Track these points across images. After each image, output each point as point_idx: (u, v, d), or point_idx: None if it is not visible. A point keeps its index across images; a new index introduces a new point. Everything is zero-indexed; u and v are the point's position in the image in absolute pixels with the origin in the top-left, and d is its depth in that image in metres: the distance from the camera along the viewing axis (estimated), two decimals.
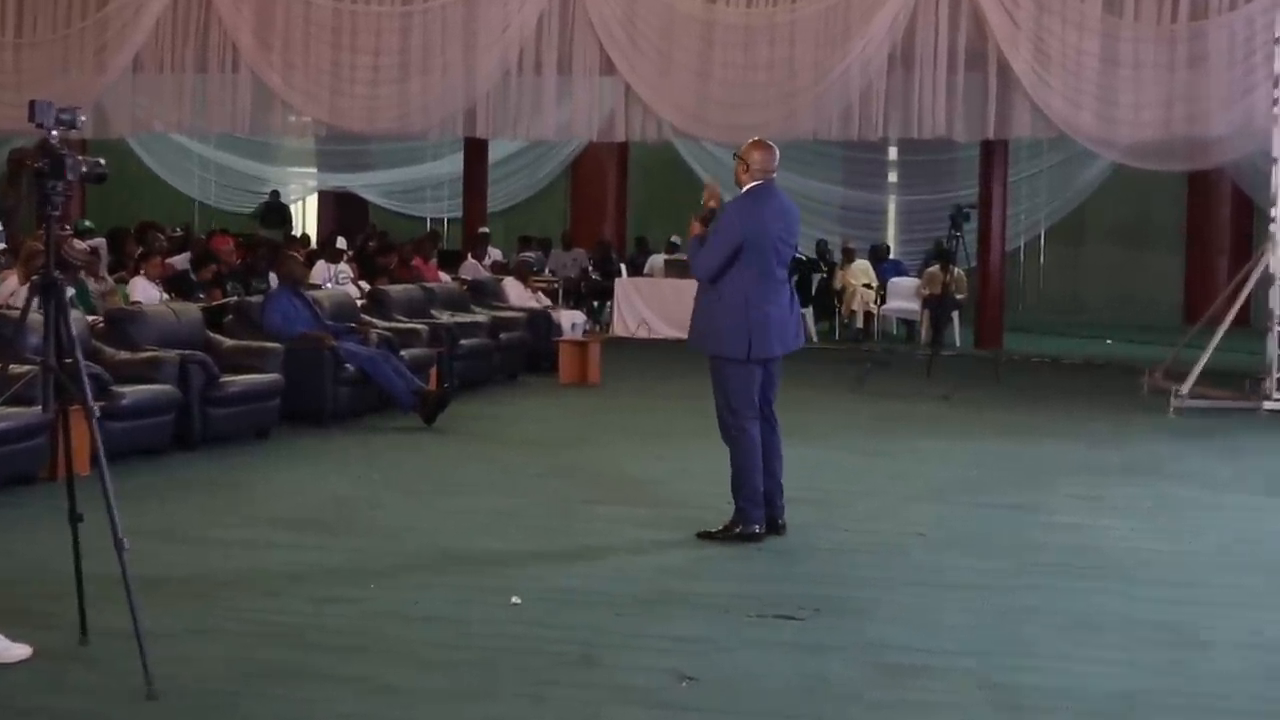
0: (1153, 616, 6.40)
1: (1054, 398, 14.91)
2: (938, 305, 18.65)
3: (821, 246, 23.48)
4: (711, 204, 7.71)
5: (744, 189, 7.64)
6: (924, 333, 20.54)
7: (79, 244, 12.77)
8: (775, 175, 7.71)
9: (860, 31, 18.23)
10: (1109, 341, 21.24)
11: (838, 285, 21.95)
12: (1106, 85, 17.73)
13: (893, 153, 26.06)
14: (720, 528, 7.67)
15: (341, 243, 17.61)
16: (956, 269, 18.35)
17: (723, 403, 7.66)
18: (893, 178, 26.90)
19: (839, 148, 24.13)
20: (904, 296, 21.55)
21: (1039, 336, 21.48)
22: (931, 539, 7.94)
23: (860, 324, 21.56)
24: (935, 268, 20.09)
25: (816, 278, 21.92)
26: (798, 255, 22.03)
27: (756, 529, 7.60)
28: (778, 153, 7.73)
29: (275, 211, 26.19)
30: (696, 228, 7.69)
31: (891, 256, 23.54)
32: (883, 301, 21.62)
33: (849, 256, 22.23)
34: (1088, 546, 7.85)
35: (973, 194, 20.41)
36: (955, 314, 20.20)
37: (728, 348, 7.59)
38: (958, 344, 19.92)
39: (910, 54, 18.26)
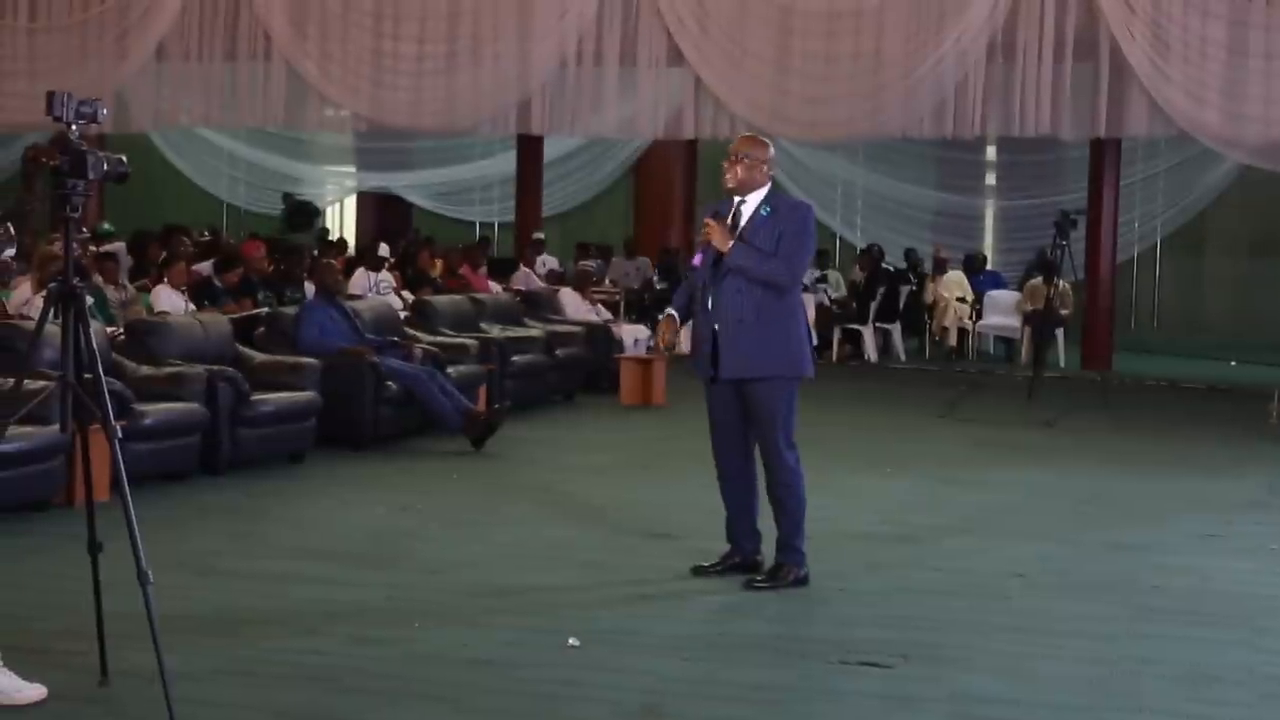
0: None
1: (1170, 425, 14.78)
2: (1040, 322, 18.54)
3: (911, 256, 23.45)
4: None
5: (772, 190, 7.58)
6: (1024, 352, 20.45)
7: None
8: None
9: (956, 18, 18.18)
10: (1233, 364, 21.04)
11: (928, 299, 21.91)
12: (1234, 78, 17.59)
13: (991, 153, 25.95)
14: (769, 575, 7.55)
15: (383, 249, 17.70)
16: (1061, 282, 18.23)
17: (780, 435, 7.49)
18: (991, 180, 26.77)
19: (931, 147, 24.05)
20: (1002, 312, 21.48)
21: (1154, 357, 21.32)
22: (1032, 580, 7.91)
23: (953, 342, 21.51)
24: (1038, 280, 19.99)
25: (905, 290, 21.85)
26: (885, 265, 22.13)
27: (806, 571, 7.56)
28: None
29: (301, 212, 26.32)
30: (721, 230, 7.38)
31: (989, 267, 23.45)
32: (978, 317, 21.55)
33: (941, 267, 22.20)
34: (1207, 590, 7.80)
35: (1081, 199, 20.28)
36: (1060, 332, 20.10)
37: (803, 364, 7.56)
38: (1062, 365, 19.81)
39: (1012, 43, 18.21)
